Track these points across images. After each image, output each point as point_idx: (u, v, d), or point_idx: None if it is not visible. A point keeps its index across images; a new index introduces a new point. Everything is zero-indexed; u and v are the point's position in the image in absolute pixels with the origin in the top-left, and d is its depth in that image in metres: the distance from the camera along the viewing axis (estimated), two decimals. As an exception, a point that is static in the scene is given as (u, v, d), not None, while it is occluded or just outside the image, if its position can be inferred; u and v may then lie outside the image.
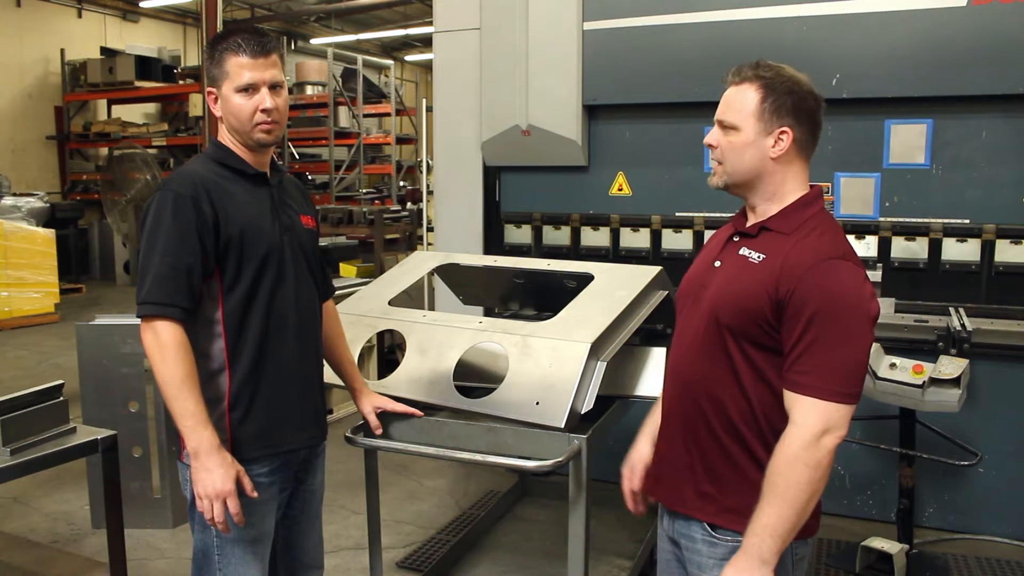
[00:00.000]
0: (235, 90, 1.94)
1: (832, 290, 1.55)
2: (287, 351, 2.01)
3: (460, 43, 4.36)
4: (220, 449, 1.85)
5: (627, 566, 3.06)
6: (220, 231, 1.90)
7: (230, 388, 1.95)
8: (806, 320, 1.55)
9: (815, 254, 1.59)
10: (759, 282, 1.62)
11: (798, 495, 1.53)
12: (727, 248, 1.75)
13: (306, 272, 2.09)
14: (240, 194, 1.97)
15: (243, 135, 1.99)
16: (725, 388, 1.67)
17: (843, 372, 1.55)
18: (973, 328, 3.48)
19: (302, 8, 16.06)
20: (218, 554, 2.00)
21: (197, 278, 1.88)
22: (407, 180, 13.24)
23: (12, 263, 8.81)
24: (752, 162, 1.67)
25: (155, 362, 1.84)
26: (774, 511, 1.54)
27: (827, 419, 1.54)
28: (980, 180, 3.67)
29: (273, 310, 1.98)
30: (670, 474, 1.80)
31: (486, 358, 2.64)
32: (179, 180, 1.92)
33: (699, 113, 4.00)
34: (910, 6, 3.54)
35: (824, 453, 1.53)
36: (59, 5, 13.41)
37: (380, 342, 5.64)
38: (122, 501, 2.74)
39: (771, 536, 1.54)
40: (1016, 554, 3.57)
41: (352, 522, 3.92)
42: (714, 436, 1.70)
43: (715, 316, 1.67)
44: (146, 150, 11.22)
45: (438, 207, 4.63)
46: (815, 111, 1.68)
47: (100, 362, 3.78)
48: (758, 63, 1.68)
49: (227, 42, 1.95)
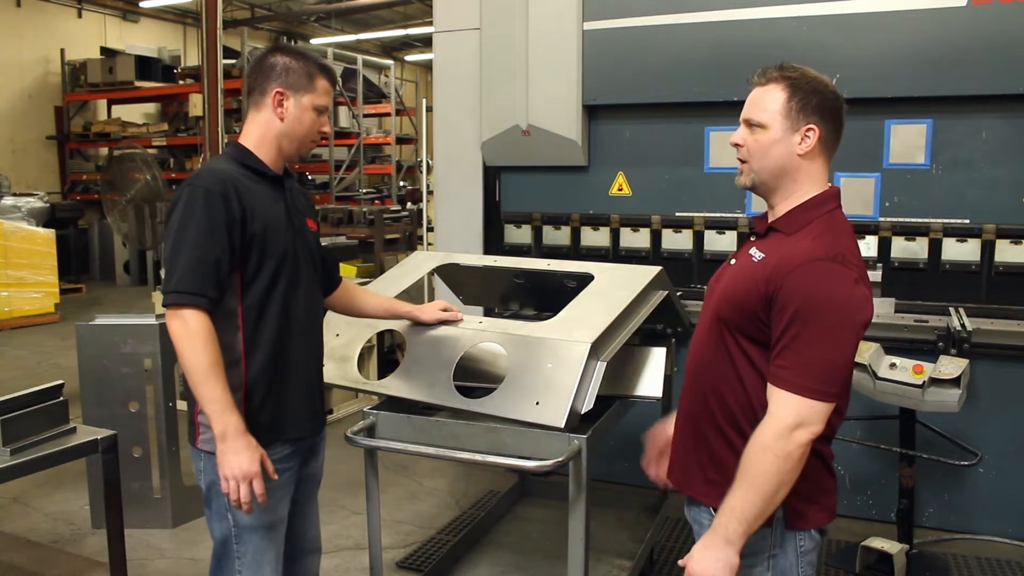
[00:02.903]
0: (314, 107, 2.09)
1: (815, 291, 1.59)
2: (297, 346, 2.11)
3: (460, 43, 4.36)
4: (246, 433, 1.93)
5: (627, 566, 3.05)
6: (246, 227, 1.98)
7: (246, 378, 2.03)
8: (789, 317, 1.60)
9: (806, 254, 1.63)
10: (754, 279, 1.68)
11: (766, 483, 1.59)
12: (742, 247, 1.84)
13: (313, 275, 2.20)
14: (262, 194, 2.06)
15: (297, 145, 2.12)
16: (725, 380, 1.75)
17: (820, 370, 1.59)
18: (973, 328, 3.48)
19: (302, 8, 16.06)
20: (236, 542, 2.06)
21: (224, 271, 1.95)
22: (407, 180, 13.23)
23: (12, 263, 8.81)
24: (779, 159, 1.72)
25: (183, 349, 1.90)
26: (742, 495, 1.61)
27: (800, 413, 1.59)
28: (980, 180, 3.67)
29: (288, 306, 2.08)
30: (682, 461, 1.89)
31: (486, 358, 2.64)
32: (208, 176, 1.99)
33: (699, 113, 4.01)
34: (910, 6, 3.54)
35: (795, 446, 1.58)
36: (59, 5, 13.41)
37: (380, 342, 5.64)
38: (122, 501, 2.74)
39: (736, 519, 1.61)
40: (1016, 554, 3.57)
41: (352, 522, 3.92)
42: (717, 426, 1.77)
43: (718, 311, 1.76)
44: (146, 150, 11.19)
45: (438, 207, 4.63)
46: (839, 110, 1.73)
47: (100, 362, 3.78)
48: (783, 65, 1.74)
49: (320, 62, 2.12)
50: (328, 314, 2.72)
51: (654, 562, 3.42)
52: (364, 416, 2.46)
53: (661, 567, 3.44)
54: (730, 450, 1.74)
